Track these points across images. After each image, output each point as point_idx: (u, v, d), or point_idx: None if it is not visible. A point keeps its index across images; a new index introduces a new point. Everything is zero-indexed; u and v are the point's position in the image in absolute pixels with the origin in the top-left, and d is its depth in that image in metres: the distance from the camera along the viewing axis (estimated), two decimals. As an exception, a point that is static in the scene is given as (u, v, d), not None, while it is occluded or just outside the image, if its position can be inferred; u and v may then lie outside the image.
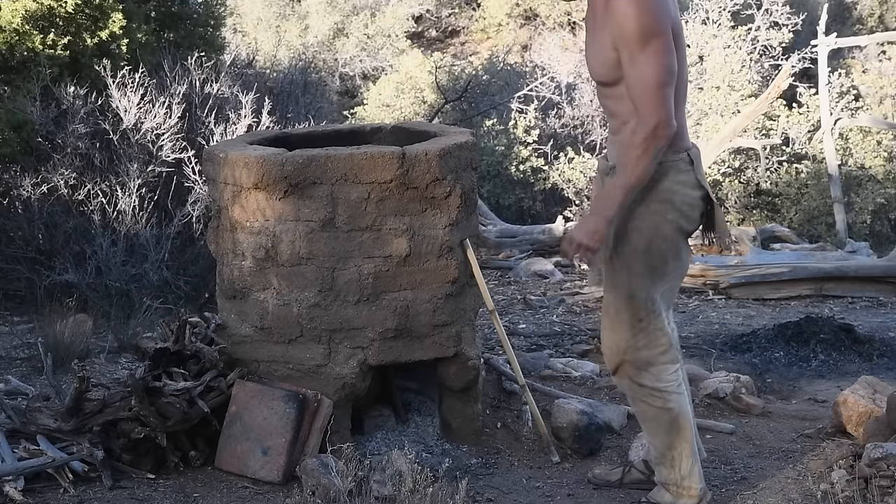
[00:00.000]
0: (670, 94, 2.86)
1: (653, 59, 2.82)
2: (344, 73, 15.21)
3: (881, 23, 15.60)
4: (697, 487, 3.25)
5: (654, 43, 2.82)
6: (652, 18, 2.82)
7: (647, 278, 3.07)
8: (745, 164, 10.82)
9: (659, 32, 2.82)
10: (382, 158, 3.65)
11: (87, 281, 6.22)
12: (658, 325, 3.13)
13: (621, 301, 3.11)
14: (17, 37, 6.71)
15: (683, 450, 3.22)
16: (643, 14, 2.80)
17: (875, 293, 7.26)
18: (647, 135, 2.85)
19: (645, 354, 3.14)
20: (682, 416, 3.21)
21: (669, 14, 2.88)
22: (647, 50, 2.82)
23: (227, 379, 3.80)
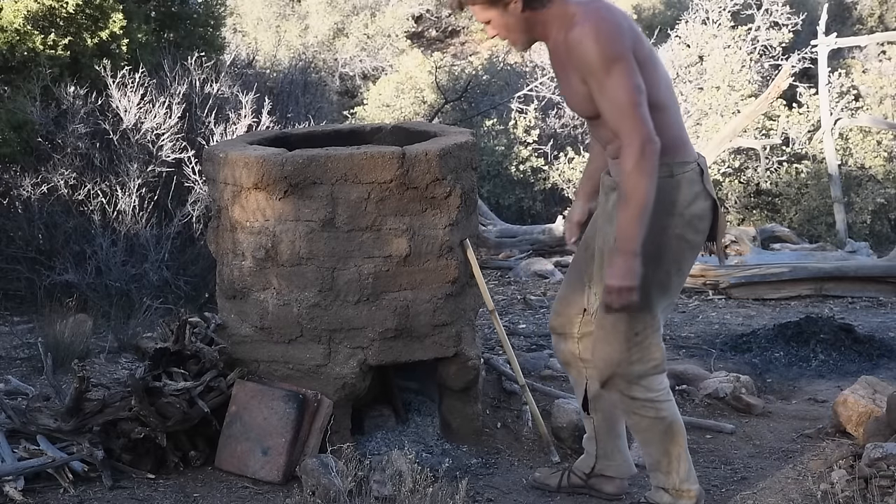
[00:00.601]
0: (646, 112, 2.86)
1: (620, 82, 2.84)
2: (344, 73, 15.21)
3: (881, 23, 15.60)
4: (695, 488, 3.25)
5: (617, 67, 2.84)
6: (609, 44, 2.84)
7: (652, 294, 3.03)
8: (745, 164, 10.82)
9: (620, 56, 2.84)
10: (382, 158, 3.65)
11: (87, 281, 6.22)
12: (654, 340, 3.09)
13: (621, 317, 3.05)
14: (17, 37, 6.71)
15: (679, 455, 3.20)
16: (600, 42, 2.83)
17: (875, 293, 7.26)
18: (636, 157, 2.85)
19: (638, 368, 3.09)
20: (676, 423, 3.18)
21: (627, 37, 2.89)
22: (613, 75, 2.84)
23: (227, 379, 3.80)
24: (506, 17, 2.93)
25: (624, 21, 2.93)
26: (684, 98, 11.40)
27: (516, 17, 2.92)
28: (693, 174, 3.01)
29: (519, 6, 2.90)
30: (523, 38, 3.00)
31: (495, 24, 2.96)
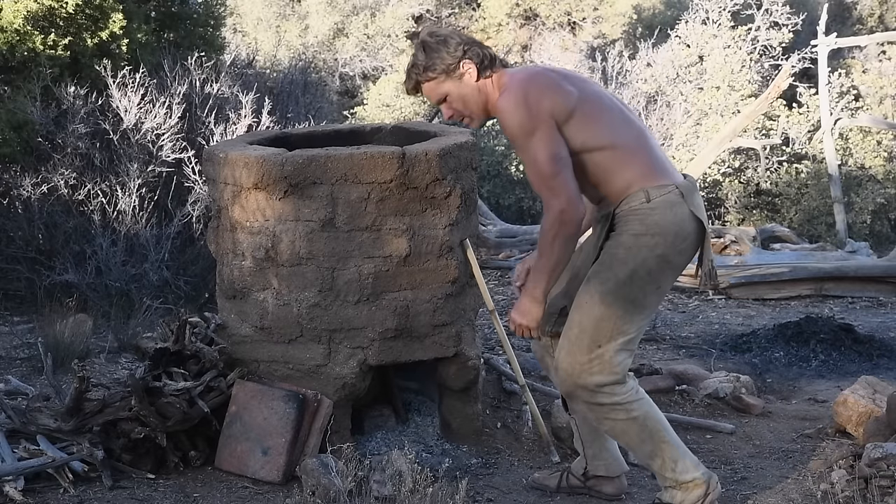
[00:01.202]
0: (566, 179, 2.94)
1: (538, 151, 2.93)
2: (344, 73, 15.20)
3: (881, 23, 15.59)
4: (698, 475, 3.17)
5: (534, 138, 2.93)
6: (526, 114, 2.93)
7: (620, 308, 3.03)
8: (745, 164, 10.81)
9: (536, 127, 2.93)
10: (382, 158, 3.65)
11: (87, 281, 6.22)
12: (620, 356, 3.05)
13: (586, 323, 3.05)
14: (17, 37, 6.71)
15: (665, 450, 3.15)
16: (518, 112, 2.93)
17: (875, 293, 7.26)
18: (552, 222, 2.96)
19: (597, 379, 3.06)
20: (650, 419, 3.13)
21: (546, 101, 2.95)
22: (530, 143, 2.93)
23: (227, 379, 3.81)
24: (462, 87, 3.04)
25: (549, 82, 3.00)
26: (684, 98, 11.40)
27: (471, 88, 3.03)
28: (673, 196, 3.01)
29: (474, 74, 3.01)
30: (479, 110, 3.09)
31: (452, 97, 3.06)
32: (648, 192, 3.00)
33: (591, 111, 3.00)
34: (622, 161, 3.00)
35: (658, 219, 3.00)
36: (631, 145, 3.04)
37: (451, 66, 3.02)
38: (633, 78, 12.01)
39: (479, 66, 3.02)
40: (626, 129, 3.06)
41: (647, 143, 3.09)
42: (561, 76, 3.08)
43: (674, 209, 3.01)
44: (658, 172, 3.04)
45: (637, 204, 3.00)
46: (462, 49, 3.02)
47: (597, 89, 3.13)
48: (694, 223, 3.05)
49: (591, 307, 3.03)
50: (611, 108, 3.08)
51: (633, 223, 3.01)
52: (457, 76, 3.03)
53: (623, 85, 11.94)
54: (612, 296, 3.01)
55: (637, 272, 3.01)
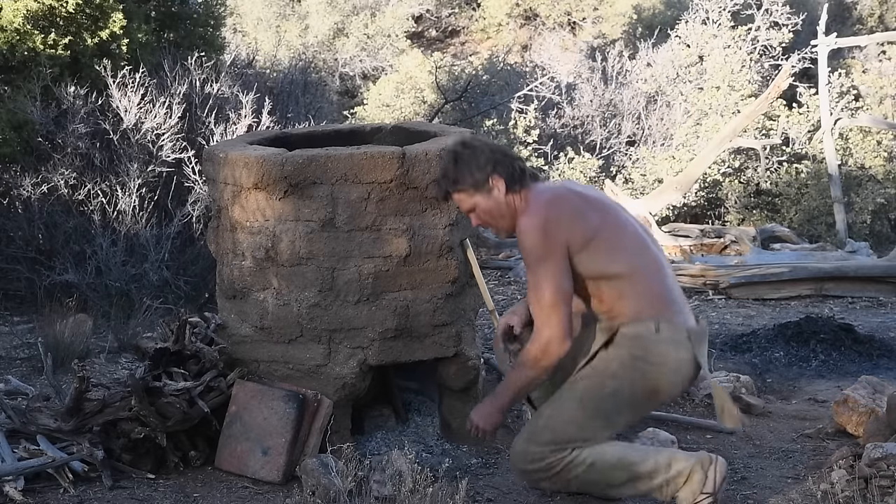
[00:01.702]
0: (563, 314, 2.95)
1: (544, 280, 2.95)
2: (344, 73, 15.20)
3: (881, 23, 15.59)
4: (686, 466, 3.10)
5: (543, 265, 2.95)
6: (541, 240, 2.96)
7: (592, 419, 3.03)
8: (745, 164, 10.81)
9: (547, 256, 2.95)
10: (382, 158, 3.65)
11: (87, 281, 6.22)
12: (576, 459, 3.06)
13: (555, 420, 3.06)
14: (17, 36, 6.71)
15: (640, 469, 3.11)
16: (533, 235, 2.96)
17: (875, 293, 7.26)
18: (538, 349, 2.99)
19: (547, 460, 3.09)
20: (607, 454, 3.10)
21: (563, 230, 2.96)
22: (539, 270, 2.96)
23: (227, 379, 3.80)
24: (490, 201, 3.06)
25: (570, 210, 3.00)
26: (684, 98, 11.39)
27: (499, 202, 3.06)
28: (681, 336, 3.02)
29: (502, 190, 3.04)
30: (506, 223, 3.11)
31: (480, 209, 3.09)
32: (660, 324, 3.00)
33: (609, 240, 3.01)
34: (636, 290, 3.02)
35: (662, 351, 3.01)
36: (646, 276, 3.04)
37: (481, 181, 3.04)
38: (633, 78, 12.01)
39: (507, 182, 3.04)
40: (643, 260, 3.06)
41: (662, 275, 3.09)
42: (584, 201, 3.07)
43: (679, 349, 3.02)
44: (673, 308, 3.05)
45: (645, 331, 3.01)
46: (492, 164, 3.03)
47: (618, 216, 3.11)
48: (693, 368, 3.05)
49: (567, 407, 3.06)
50: (631, 236, 3.08)
51: (636, 346, 3.01)
52: (485, 190, 3.05)
53: (623, 85, 11.94)
54: (590, 404, 3.03)
55: (622, 391, 3.02)
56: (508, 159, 3.07)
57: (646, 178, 10.53)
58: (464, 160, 3.06)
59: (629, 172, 10.75)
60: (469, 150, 3.08)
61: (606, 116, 11.63)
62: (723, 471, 3.11)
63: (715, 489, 3.07)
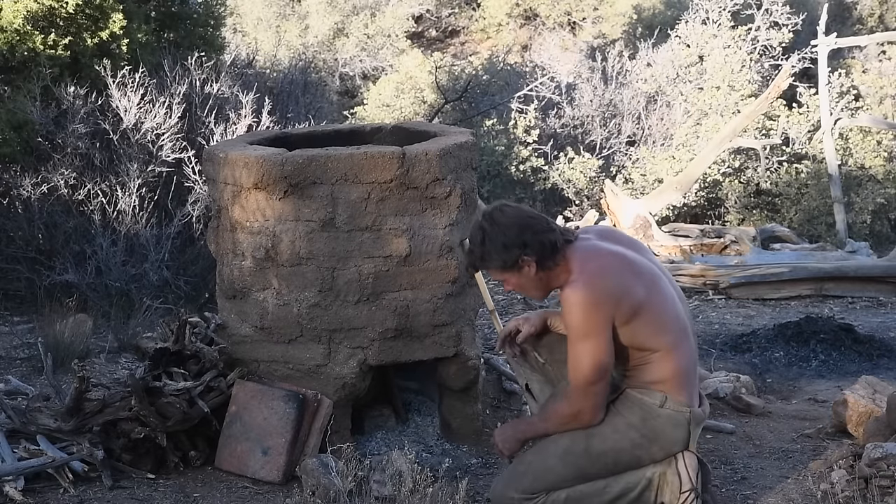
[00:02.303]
0: (600, 390, 2.93)
1: (586, 356, 2.90)
2: (344, 73, 15.20)
3: (881, 23, 15.59)
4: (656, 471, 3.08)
5: (588, 342, 2.89)
6: (587, 317, 2.88)
7: (571, 474, 3.03)
8: (745, 164, 10.81)
9: (592, 333, 2.89)
10: (382, 158, 3.65)
11: (87, 281, 6.22)
12: (550, 499, 3.04)
13: (536, 467, 3.06)
14: (17, 37, 6.71)
15: (611, 490, 3.08)
16: (580, 311, 2.88)
17: (875, 293, 7.26)
18: (569, 415, 2.98)
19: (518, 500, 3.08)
20: (576, 487, 3.08)
21: (610, 303, 2.89)
22: (583, 345, 2.90)
23: (227, 379, 3.80)
24: (521, 278, 2.98)
25: (619, 282, 2.92)
26: (684, 98, 11.40)
27: (530, 279, 2.97)
28: (681, 417, 2.99)
29: (533, 270, 2.95)
30: (539, 293, 3.05)
31: (510, 282, 3.02)
32: (666, 400, 2.98)
33: (652, 316, 2.96)
34: (662, 363, 2.99)
35: (658, 426, 2.98)
36: (675, 353, 3.00)
37: (509, 262, 2.94)
38: (633, 78, 12.01)
39: (539, 261, 2.94)
40: (679, 337, 3.01)
41: (689, 352, 3.05)
42: (628, 267, 2.97)
43: (676, 430, 3.00)
44: (685, 387, 3.01)
45: (650, 402, 2.98)
46: (521, 245, 2.91)
47: (661, 286, 3.03)
48: (683, 446, 3.04)
49: (549, 458, 3.05)
50: (672, 311, 3.03)
51: (635, 415, 2.99)
52: (515, 269, 2.96)
53: (623, 85, 11.94)
54: (572, 458, 3.02)
55: (607, 455, 3.01)
56: (538, 236, 2.92)
57: (646, 178, 10.53)
58: (491, 240, 2.93)
59: (629, 172, 10.76)
60: (497, 228, 2.93)
61: (606, 116, 11.63)
62: (693, 464, 3.08)
63: (693, 483, 3.07)
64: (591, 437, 3.00)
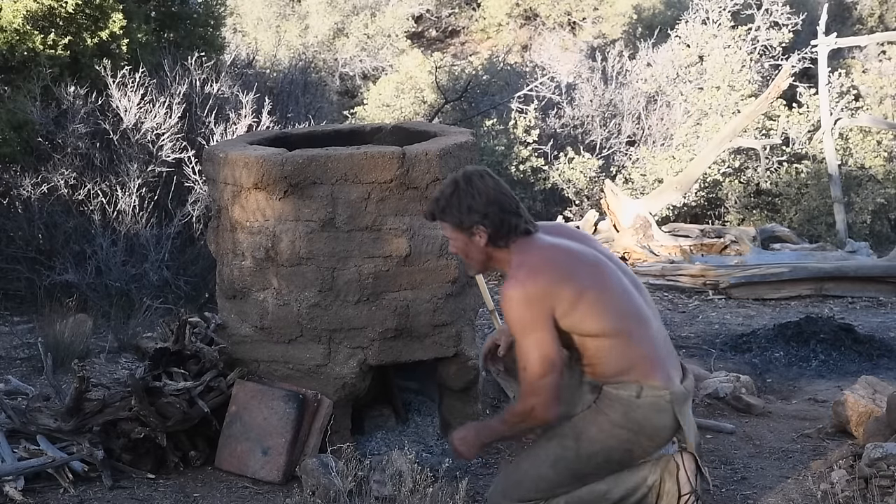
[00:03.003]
0: (551, 384, 2.90)
1: (531, 350, 2.89)
2: (344, 73, 15.20)
3: (881, 23, 15.59)
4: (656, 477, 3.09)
5: (531, 336, 2.89)
6: (525, 313, 2.88)
7: (566, 479, 3.02)
8: (745, 164, 10.81)
9: (532, 328, 2.89)
10: (382, 158, 3.65)
11: (87, 281, 6.22)
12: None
13: (529, 475, 3.05)
14: (17, 37, 6.71)
15: (611, 496, 3.09)
16: (518, 308, 2.89)
17: (875, 293, 7.26)
18: (521, 412, 2.95)
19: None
20: (575, 494, 3.08)
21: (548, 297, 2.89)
22: (525, 341, 2.90)
23: (227, 379, 3.81)
24: (469, 245, 3.00)
25: (557, 276, 2.92)
26: (684, 98, 11.40)
27: (478, 248, 2.99)
28: (661, 401, 2.96)
29: (483, 241, 2.97)
30: (479, 265, 3.08)
31: (457, 245, 3.04)
32: (642, 389, 2.95)
33: (597, 300, 2.95)
34: (619, 349, 2.96)
35: (640, 417, 2.96)
36: (633, 336, 2.98)
37: (465, 224, 2.97)
38: (633, 78, 12.01)
39: (491, 237, 2.97)
40: (629, 320, 2.99)
41: (649, 335, 3.02)
42: (573, 259, 2.99)
43: (659, 414, 2.97)
44: (657, 370, 2.98)
45: (626, 395, 2.96)
46: (483, 214, 2.95)
47: (607, 273, 3.02)
48: (673, 429, 3.01)
49: (541, 465, 3.04)
50: (619, 295, 3.01)
51: (616, 411, 2.97)
52: (467, 234, 2.99)
53: (623, 85, 11.94)
54: (564, 463, 3.01)
55: (598, 455, 3.00)
56: (502, 214, 2.97)
57: (646, 178, 10.53)
58: (459, 196, 2.98)
59: (629, 172, 10.75)
60: (469, 189, 2.98)
61: (606, 116, 11.63)
62: (691, 466, 3.07)
63: (693, 486, 3.07)
64: (579, 440, 2.99)
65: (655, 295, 7.36)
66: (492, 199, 2.96)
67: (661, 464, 3.09)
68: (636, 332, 2.99)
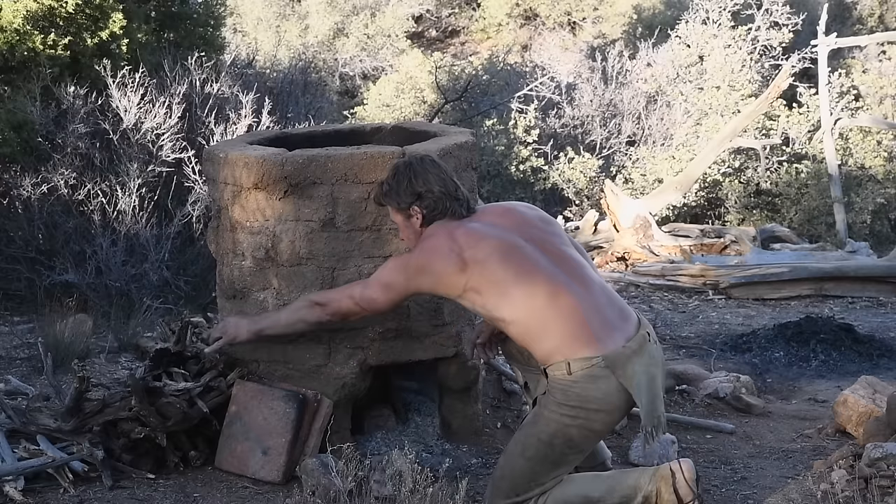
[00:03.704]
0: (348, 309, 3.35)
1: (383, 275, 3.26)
2: (344, 73, 15.21)
3: (881, 23, 15.60)
4: (653, 488, 3.05)
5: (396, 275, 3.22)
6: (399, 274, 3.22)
7: (539, 465, 3.03)
8: (745, 164, 10.82)
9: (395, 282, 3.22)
10: (382, 158, 3.64)
11: (87, 281, 6.23)
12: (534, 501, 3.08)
13: (508, 471, 3.08)
14: (17, 37, 6.71)
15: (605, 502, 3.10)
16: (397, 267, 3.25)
17: (875, 293, 7.26)
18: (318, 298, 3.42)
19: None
20: (566, 500, 3.09)
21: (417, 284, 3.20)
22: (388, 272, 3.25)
23: (227, 379, 3.80)
24: (407, 225, 3.27)
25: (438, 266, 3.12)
26: (684, 98, 11.40)
27: (414, 228, 3.25)
28: (596, 370, 2.93)
29: (419, 222, 3.22)
30: (412, 243, 3.30)
31: (399, 225, 3.32)
32: (570, 365, 2.94)
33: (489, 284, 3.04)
34: (538, 330, 2.98)
35: (579, 391, 2.94)
36: (546, 314, 2.97)
37: (403, 205, 3.21)
38: (633, 78, 12.02)
39: (426, 217, 3.20)
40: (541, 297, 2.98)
41: (569, 308, 2.98)
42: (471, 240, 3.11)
43: (597, 383, 2.94)
44: (582, 341, 2.95)
45: (559, 375, 2.96)
46: (417, 195, 3.17)
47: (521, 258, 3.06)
48: (623, 394, 2.97)
49: (515, 457, 3.08)
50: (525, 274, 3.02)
51: (557, 393, 2.98)
52: (405, 215, 3.24)
53: (623, 85, 11.95)
54: (532, 451, 3.03)
55: (556, 437, 3.00)
56: (439, 196, 3.17)
57: (646, 178, 10.54)
58: (398, 180, 3.22)
59: (629, 172, 10.76)
60: (408, 172, 3.21)
61: (606, 116, 11.64)
62: (691, 472, 3.05)
63: (696, 493, 3.05)
64: (537, 426, 3.03)
65: (655, 295, 7.37)
66: (430, 181, 3.18)
67: (658, 472, 3.07)
68: (551, 310, 3.00)
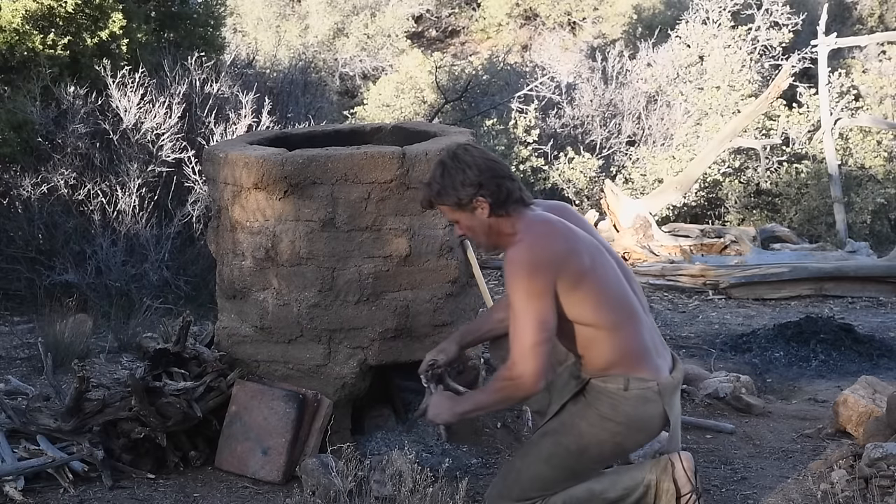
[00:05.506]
0: (543, 353, 2.83)
1: (528, 317, 2.81)
2: (344, 73, 15.20)
3: (881, 23, 15.59)
4: (652, 478, 3.07)
5: (532, 302, 2.82)
6: (529, 279, 2.82)
7: (560, 475, 3.01)
8: (745, 164, 10.81)
9: (535, 295, 2.82)
10: (382, 158, 3.65)
11: (87, 281, 6.23)
12: None
13: (524, 474, 3.05)
14: (17, 37, 6.71)
15: (608, 496, 3.08)
16: (522, 273, 2.83)
17: (875, 293, 7.26)
18: (508, 378, 2.86)
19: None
20: (572, 494, 3.06)
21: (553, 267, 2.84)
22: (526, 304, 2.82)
23: (227, 379, 3.80)
24: (473, 220, 2.95)
25: (563, 249, 2.88)
26: (684, 98, 11.40)
27: (482, 222, 2.93)
28: (649, 393, 2.93)
29: (486, 212, 2.91)
30: (488, 242, 3.02)
31: (463, 224, 2.98)
32: (629, 381, 2.92)
33: (594, 287, 2.91)
34: (610, 341, 2.94)
35: (629, 410, 2.93)
36: (622, 328, 2.95)
37: (464, 200, 2.91)
38: (633, 78, 12.01)
39: (492, 205, 2.91)
40: (622, 310, 2.96)
41: (639, 327, 2.98)
42: (577, 238, 2.93)
43: (647, 406, 2.94)
44: (644, 362, 2.95)
45: (614, 388, 2.93)
46: (478, 185, 2.89)
47: (605, 260, 2.98)
48: (662, 421, 2.99)
49: (535, 463, 3.03)
50: (616, 285, 2.97)
51: (605, 404, 2.95)
52: (469, 210, 2.93)
53: (623, 85, 11.94)
54: (557, 460, 3.00)
55: (589, 450, 2.98)
56: (497, 180, 2.91)
57: (646, 178, 10.53)
58: (450, 174, 2.92)
59: (629, 172, 10.76)
60: (458, 164, 2.93)
61: (606, 116, 11.63)
62: (690, 464, 3.05)
63: (694, 485, 3.06)
64: (569, 435, 2.97)
65: (655, 295, 7.37)
66: (483, 168, 2.91)
67: (658, 464, 3.08)
68: (627, 325, 2.96)
